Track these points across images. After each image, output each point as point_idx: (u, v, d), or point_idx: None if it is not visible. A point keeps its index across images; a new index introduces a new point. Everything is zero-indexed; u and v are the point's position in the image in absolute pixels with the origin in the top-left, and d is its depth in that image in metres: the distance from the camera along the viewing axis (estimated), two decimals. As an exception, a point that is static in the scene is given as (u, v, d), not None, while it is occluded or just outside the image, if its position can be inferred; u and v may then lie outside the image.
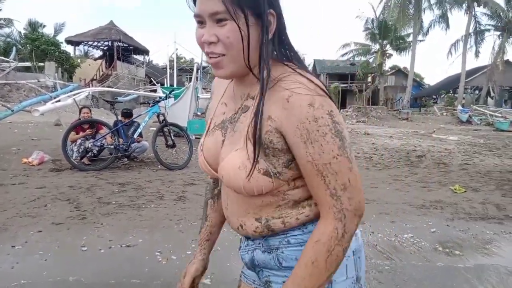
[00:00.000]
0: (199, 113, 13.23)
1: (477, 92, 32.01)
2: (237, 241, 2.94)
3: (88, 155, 6.01)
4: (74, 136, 5.96)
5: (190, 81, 8.99)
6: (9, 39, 27.54)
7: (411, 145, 9.99)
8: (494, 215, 3.99)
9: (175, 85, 17.81)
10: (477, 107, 23.62)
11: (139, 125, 6.43)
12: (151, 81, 25.80)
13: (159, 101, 6.48)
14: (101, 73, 26.50)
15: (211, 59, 0.78)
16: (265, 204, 0.82)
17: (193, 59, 35.67)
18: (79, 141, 5.92)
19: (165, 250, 2.88)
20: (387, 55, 31.65)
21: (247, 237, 0.91)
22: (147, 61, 32.76)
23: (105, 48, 30.07)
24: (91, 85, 22.05)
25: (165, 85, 19.06)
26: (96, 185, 4.81)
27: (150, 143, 6.19)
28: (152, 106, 6.38)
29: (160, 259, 2.73)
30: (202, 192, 4.58)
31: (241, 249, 0.97)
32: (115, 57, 26.88)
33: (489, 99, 30.18)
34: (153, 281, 2.42)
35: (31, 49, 20.95)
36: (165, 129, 6.25)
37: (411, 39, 29.48)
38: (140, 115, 6.90)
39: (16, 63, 17.33)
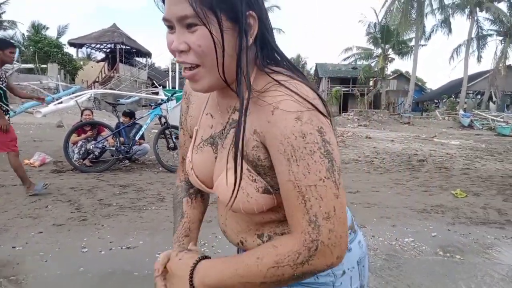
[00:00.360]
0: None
1: (479, 97, 31.97)
2: (238, 244, 2.89)
3: (89, 157, 6.03)
4: (75, 138, 5.98)
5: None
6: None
7: (412, 149, 9.98)
8: (495, 220, 3.98)
9: (177, 88, 17.85)
10: (479, 112, 23.59)
11: (141, 127, 6.45)
12: (153, 84, 25.90)
13: (161, 104, 6.49)
14: (104, 75, 26.60)
15: (185, 70, 0.69)
16: (266, 221, 0.77)
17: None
18: (80, 143, 5.94)
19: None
20: (389, 59, 31.67)
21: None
22: (150, 64, 32.89)
23: (108, 50, 30.22)
24: (93, 87, 22.13)
25: (167, 88, 19.10)
26: (97, 186, 4.82)
27: (151, 145, 6.20)
28: (154, 108, 6.40)
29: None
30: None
31: None
32: (118, 60, 27.00)
33: (491, 104, 30.14)
34: (153, 283, 2.41)
35: (34, 51, 21.07)
36: (167, 132, 6.26)
37: (413, 43, 29.51)
38: (142, 117, 6.92)
39: (19, 65, 17.40)
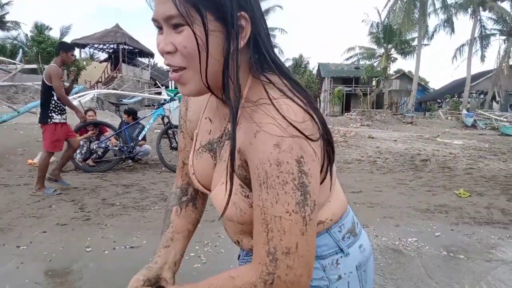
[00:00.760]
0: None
1: (482, 96, 31.85)
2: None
3: (92, 157, 6.05)
4: (78, 138, 5.99)
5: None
6: (16, 42, 27.85)
7: (415, 149, 9.96)
8: (499, 219, 3.96)
9: (180, 88, 17.84)
10: (482, 112, 23.52)
11: (144, 127, 6.46)
12: (156, 84, 25.95)
13: (163, 104, 6.51)
14: (107, 76, 26.68)
15: (172, 73, 0.65)
16: None
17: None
18: (81, 143, 5.95)
19: (168, 251, 2.87)
20: (392, 59, 31.60)
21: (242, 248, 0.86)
22: (152, 64, 32.94)
23: (111, 50, 30.29)
24: (96, 87, 22.19)
25: (170, 88, 19.14)
26: (100, 186, 4.83)
27: (154, 145, 6.22)
28: (156, 108, 6.41)
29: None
30: (205, 194, 4.57)
31: (240, 259, 0.94)
32: (120, 60, 27.07)
33: (494, 103, 30.02)
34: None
35: (38, 52, 21.15)
36: (170, 131, 6.27)
37: (416, 43, 29.45)
38: (145, 117, 6.94)
39: (22, 65, 17.52)
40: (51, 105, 4.33)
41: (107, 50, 30.71)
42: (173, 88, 18.97)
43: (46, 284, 2.36)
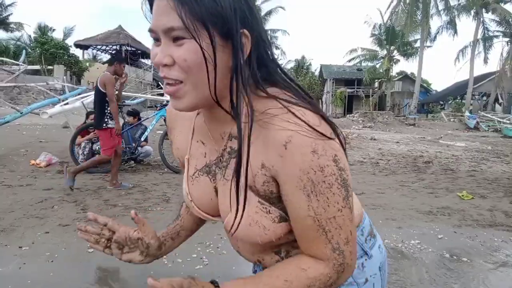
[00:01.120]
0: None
1: (485, 98, 31.79)
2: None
3: (95, 158, 6.05)
4: (79, 139, 6.00)
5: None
6: (19, 43, 28.01)
7: (418, 150, 9.93)
8: (502, 222, 3.94)
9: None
10: (484, 114, 23.45)
11: (146, 128, 6.47)
12: (159, 85, 26.00)
13: (166, 105, 6.52)
14: (109, 77, 26.71)
15: (167, 86, 0.63)
16: (282, 242, 0.75)
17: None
18: (83, 144, 5.96)
19: (170, 253, 2.87)
20: (394, 60, 31.58)
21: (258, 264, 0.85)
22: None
23: (114, 52, 30.37)
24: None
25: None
26: (102, 187, 4.84)
27: (155, 147, 6.23)
28: (159, 109, 6.42)
29: (165, 262, 2.73)
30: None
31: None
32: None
33: (497, 105, 29.95)
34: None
35: (41, 53, 21.23)
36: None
37: (418, 45, 29.42)
38: (147, 119, 6.95)
39: (25, 66, 17.60)
40: (106, 111, 4.56)
41: (110, 51, 30.81)
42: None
43: (48, 285, 2.36)
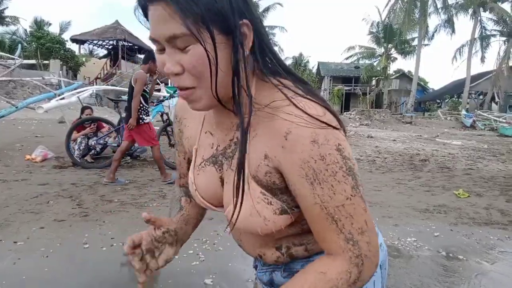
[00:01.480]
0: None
1: (481, 97, 31.88)
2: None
3: (91, 153, 6.02)
4: (75, 134, 5.96)
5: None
6: (15, 37, 27.77)
7: (414, 149, 9.96)
8: (498, 220, 3.96)
9: (179, 85, 17.76)
10: (481, 112, 23.53)
11: (143, 124, 6.43)
12: (155, 81, 25.84)
13: (163, 100, 6.49)
14: (106, 72, 26.60)
15: (181, 92, 0.64)
16: (284, 235, 0.77)
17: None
18: (79, 139, 5.92)
19: (166, 249, 2.86)
20: (392, 58, 31.57)
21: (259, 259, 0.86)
22: (152, 61, 32.82)
23: (110, 47, 30.19)
24: (95, 83, 22.13)
25: (169, 85, 19.10)
26: (98, 182, 4.81)
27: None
28: (156, 105, 6.39)
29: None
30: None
31: (258, 269, 0.93)
32: (120, 56, 26.98)
33: (493, 104, 30.05)
34: (154, 280, 2.41)
35: (36, 47, 21.06)
36: (169, 129, 6.25)
37: (416, 43, 29.43)
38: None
39: (21, 61, 17.43)
40: (140, 108, 4.69)
41: (107, 46, 30.62)
42: (172, 85, 18.92)
43: (43, 280, 2.34)
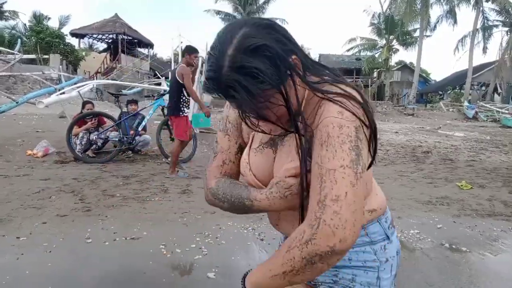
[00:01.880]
0: (203, 107, 13.16)
1: (484, 88, 31.70)
2: (242, 235, 2.90)
3: (92, 148, 6.01)
4: (76, 129, 5.95)
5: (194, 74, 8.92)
6: (14, 31, 27.62)
7: (416, 140, 9.92)
8: (501, 212, 3.94)
9: (180, 79, 17.72)
10: (483, 104, 23.41)
11: (144, 117, 6.41)
12: (156, 74, 25.79)
13: (163, 94, 6.44)
14: (106, 66, 26.49)
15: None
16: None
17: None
18: (81, 134, 5.91)
19: (169, 243, 2.86)
20: (394, 50, 31.38)
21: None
22: (152, 54, 32.70)
23: (110, 41, 30.02)
24: (95, 78, 22.06)
25: (170, 79, 19.01)
26: (100, 177, 4.81)
27: (154, 136, 6.18)
28: (156, 99, 6.36)
29: (164, 252, 2.71)
30: (206, 185, 4.55)
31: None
32: (120, 50, 26.83)
33: (496, 95, 29.89)
34: (157, 274, 2.41)
35: (36, 42, 20.93)
36: (170, 123, 6.23)
37: (417, 34, 29.20)
38: (144, 108, 6.89)
39: (21, 55, 17.37)
40: (181, 100, 4.96)
41: (106, 40, 30.46)
42: (173, 79, 18.83)
43: (46, 275, 2.34)
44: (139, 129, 6.23)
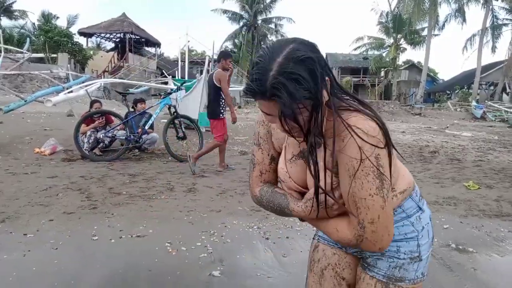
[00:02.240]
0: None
1: (492, 88, 31.34)
2: (247, 234, 2.90)
3: (99, 146, 6.05)
4: (84, 128, 5.99)
5: (201, 73, 8.95)
6: (23, 30, 27.92)
7: (424, 140, 9.85)
8: (509, 212, 3.90)
9: (186, 78, 17.78)
10: (492, 103, 23.14)
11: (151, 116, 6.44)
12: (163, 73, 25.89)
13: (170, 93, 6.48)
14: (113, 65, 26.66)
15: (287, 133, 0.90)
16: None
17: (204, 51, 35.66)
18: (89, 132, 5.95)
19: (175, 241, 2.88)
20: (401, 49, 31.14)
21: None
22: (159, 54, 32.83)
23: (117, 40, 30.21)
24: (103, 76, 22.20)
25: (177, 78, 19.06)
26: (107, 175, 4.84)
27: (161, 134, 6.21)
28: (163, 98, 6.38)
29: (170, 250, 2.73)
30: (212, 184, 4.58)
31: (316, 238, 1.25)
32: (127, 49, 26.99)
33: (504, 95, 29.52)
34: (162, 272, 2.42)
35: (45, 41, 21.10)
36: (176, 121, 6.25)
37: (426, 33, 28.95)
38: (151, 107, 6.92)
39: (29, 54, 17.57)
40: (221, 103, 5.19)
41: (114, 39, 30.64)
42: (179, 77, 18.92)
43: (52, 272, 2.37)
44: (146, 127, 6.26)
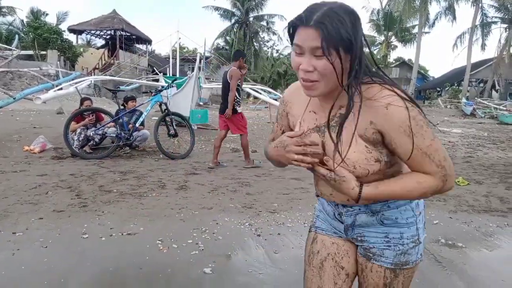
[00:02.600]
0: (201, 103, 13.15)
1: (482, 85, 31.72)
2: (238, 231, 2.89)
3: (89, 144, 6.00)
4: (74, 125, 5.92)
5: (192, 71, 8.89)
6: (11, 27, 27.44)
7: (414, 137, 9.92)
8: (497, 208, 3.96)
9: (178, 75, 17.70)
10: (481, 100, 23.42)
11: (141, 113, 6.40)
12: (154, 71, 25.73)
13: (161, 90, 6.43)
14: (104, 62, 26.39)
15: (305, 82, 0.97)
16: (370, 180, 1.04)
17: (196, 49, 35.51)
18: (79, 130, 5.89)
19: (166, 238, 2.86)
20: (392, 46, 31.41)
21: (344, 205, 1.16)
22: (150, 51, 32.61)
23: (108, 37, 29.92)
24: (93, 74, 21.98)
25: (168, 75, 18.95)
26: (97, 173, 4.80)
27: (152, 132, 6.17)
28: (154, 95, 6.34)
29: (161, 248, 2.71)
30: (204, 181, 4.56)
31: (344, 214, 1.19)
32: (118, 46, 26.74)
33: (493, 92, 29.90)
34: (153, 269, 2.41)
35: (34, 38, 20.82)
36: (167, 119, 6.22)
37: (416, 31, 29.16)
38: (142, 104, 6.87)
39: (18, 51, 17.28)
40: (235, 100, 5.36)
41: (104, 36, 30.34)
42: (171, 75, 18.81)
43: (42, 270, 2.34)
44: (137, 124, 6.22)
